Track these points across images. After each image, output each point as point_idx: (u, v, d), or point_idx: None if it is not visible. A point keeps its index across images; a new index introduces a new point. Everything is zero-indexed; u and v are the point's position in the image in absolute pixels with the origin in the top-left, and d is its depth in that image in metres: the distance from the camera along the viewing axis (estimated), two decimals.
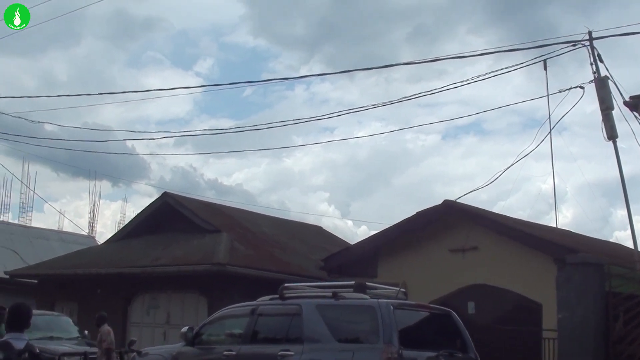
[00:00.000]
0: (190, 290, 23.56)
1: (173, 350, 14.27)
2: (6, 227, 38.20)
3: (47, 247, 36.25)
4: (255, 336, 12.55)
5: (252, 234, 27.10)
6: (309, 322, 11.66)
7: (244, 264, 22.78)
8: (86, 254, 29.73)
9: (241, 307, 13.39)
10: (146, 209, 28.24)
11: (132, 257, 25.72)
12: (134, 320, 25.32)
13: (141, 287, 25.04)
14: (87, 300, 26.24)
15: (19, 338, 7.14)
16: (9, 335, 7.20)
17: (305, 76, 55.34)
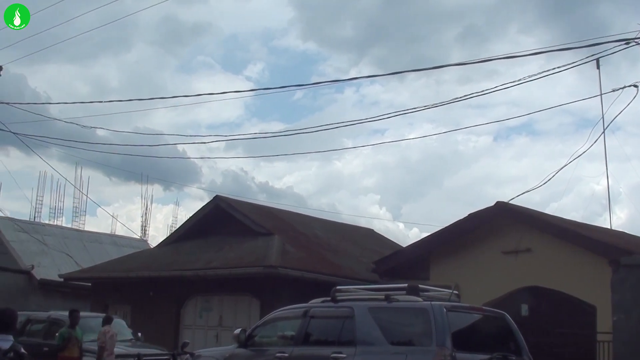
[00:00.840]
0: (242, 292, 23.64)
1: (226, 352, 14.33)
2: (60, 231, 38.63)
3: (101, 251, 36.61)
4: (307, 338, 12.56)
5: (303, 236, 27.13)
6: (362, 325, 11.65)
7: (296, 266, 22.81)
8: (139, 257, 29.99)
9: (293, 309, 13.41)
10: (198, 212, 28.41)
11: (185, 260, 25.88)
12: (186, 322, 25.49)
13: (194, 290, 25.18)
14: (140, 303, 26.47)
15: (5, 339, 7.55)
16: None
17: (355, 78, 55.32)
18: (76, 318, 17.53)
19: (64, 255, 34.15)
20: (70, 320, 17.56)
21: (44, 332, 21.41)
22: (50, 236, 35.92)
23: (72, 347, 17.07)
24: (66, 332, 17.20)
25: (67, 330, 17.27)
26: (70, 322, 17.49)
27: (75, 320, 17.47)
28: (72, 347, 17.07)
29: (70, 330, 17.28)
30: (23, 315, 22.84)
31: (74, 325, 17.42)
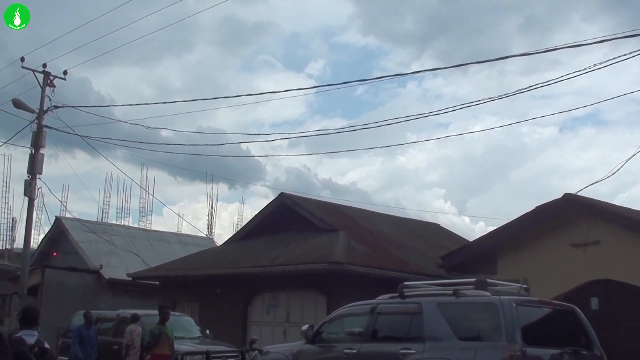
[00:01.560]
0: (309, 289, 23.67)
1: (294, 349, 14.37)
2: (127, 230, 39.13)
3: (168, 250, 36.99)
4: (375, 334, 12.54)
5: (369, 232, 27.08)
6: (430, 320, 11.59)
7: (362, 262, 22.76)
8: (205, 255, 30.20)
9: (361, 305, 13.39)
10: (263, 210, 28.52)
11: (251, 257, 26.00)
12: (254, 319, 25.60)
13: (261, 287, 25.28)
14: (208, 300, 26.66)
15: (30, 334, 8.34)
16: (23, 332, 8.40)
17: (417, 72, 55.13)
18: (166, 314, 17.45)
19: (131, 254, 34.55)
20: (160, 316, 17.44)
21: (113, 330, 21.70)
22: (117, 236, 36.40)
23: (163, 344, 16.91)
24: (156, 328, 17.02)
25: (157, 327, 17.09)
26: (160, 319, 17.33)
27: (165, 317, 17.34)
28: (163, 344, 16.90)
29: (161, 326, 17.09)
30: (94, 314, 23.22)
31: (164, 322, 17.27)
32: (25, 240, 28.91)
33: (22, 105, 27.79)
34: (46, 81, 28.25)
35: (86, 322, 19.91)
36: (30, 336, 8.29)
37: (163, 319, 17.30)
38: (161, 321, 17.24)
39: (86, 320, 19.95)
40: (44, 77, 28.28)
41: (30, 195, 27.96)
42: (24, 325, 8.56)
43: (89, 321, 19.94)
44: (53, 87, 28.37)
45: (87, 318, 19.96)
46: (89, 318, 19.96)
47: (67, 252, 35.28)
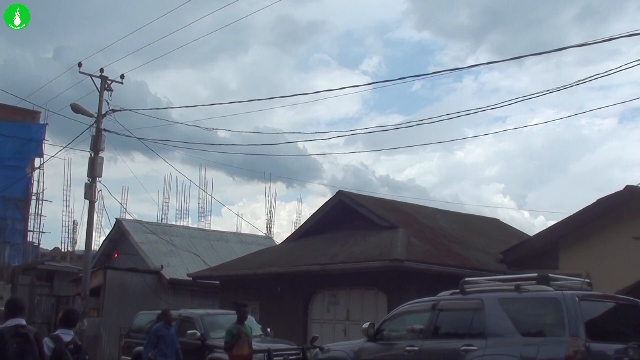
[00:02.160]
0: (369, 286, 23.64)
1: (355, 346, 14.38)
2: (187, 231, 39.46)
3: (227, 249, 37.21)
4: (436, 331, 12.51)
5: (428, 228, 26.96)
6: (492, 316, 11.52)
7: (422, 259, 22.65)
8: (265, 254, 30.31)
9: (421, 302, 13.36)
10: (322, 208, 28.54)
11: (311, 255, 26.03)
12: (314, 317, 25.63)
13: (320, 285, 25.30)
14: (268, 298, 26.75)
15: (67, 333, 9.73)
16: (60, 331, 9.81)
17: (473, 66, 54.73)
18: (244, 313, 16.52)
19: (191, 254, 34.81)
20: (238, 315, 16.53)
21: (149, 331, 21.83)
22: (177, 237, 36.71)
23: (242, 344, 16.11)
24: (234, 328, 16.19)
25: (235, 326, 16.25)
26: (238, 318, 16.47)
27: (243, 316, 16.51)
28: (242, 344, 16.10)
29: (239, 326, 16.26)
30: (154, 314, 23.42)
31: (242, 321, 16.44)
32: (86, 243, 29.29)
33: (80, 110, 28.14)
34: (104, 85, 28.57)
35: (165, 320, 18.70)
36: (66, 334, 9.69)
37: (241, 317, 16.44)
38: (239, 320, 16.40)
39: (165, 318, 18.76)
40: (101, 81, 28.61)
41: (90, 198, 28.30)
42: (63, 325, 9.94)
43: (168, 320, 18.77)
44: (110, 91, 28.70)
45: (166, 316, 18.83)
46: (168, 316, 18.85)
47: (128, 253, 35.67)
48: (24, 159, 61.21)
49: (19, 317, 8.92)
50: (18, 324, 8.77)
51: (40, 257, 52.90)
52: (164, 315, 18.88)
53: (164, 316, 18.83)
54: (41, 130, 61.87)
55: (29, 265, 43.14)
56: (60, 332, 9.70)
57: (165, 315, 18.84)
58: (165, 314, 18.94)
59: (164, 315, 18.88)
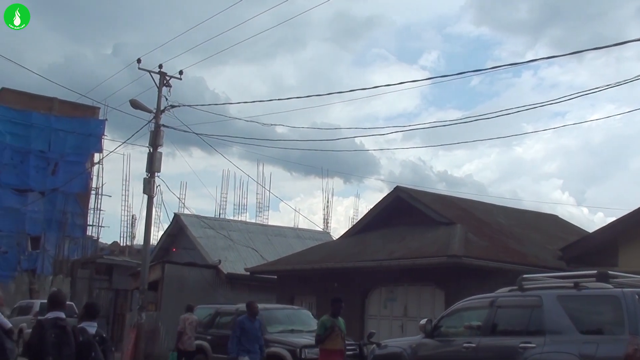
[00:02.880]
0: (426, 282, 23.56)
1: (412, 342, 14.36)
2: (245, 226, 39.67)
3: (285, 244, 37.32)
4: (494, 328, 12.44)
5: (486, 225, 26.77)
6: (550, 314, 11.43)
7: (479, 255, 22.52)
8: (322, 249, 30.35)
9: (479, 299, 13.30)
10: (379, 204, 28.49)
11: (368, 251, 26.01)
12: (371, 313, 25.61)
13: (378, 280, 25.26)
14: (325, 294, 26.73)
15: (91, 325, 9.94)
16: (85, 323, 9.98)
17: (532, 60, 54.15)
18: (339, 308, 15.91)
19: (249, 249, 34.98)
20: (332, 309, 15.87)
21: (232, 324, 21.95)
22: (235, 231, 36.90)
23: (335, 338, 15.41)
24: (328, 320, 15.53)
25: (328, 318, 15.60)
26: (332, 311, 15.81)
27: (337, 310, 15.83)
28: (335, 337, 15.40)
29: (333, 319, 15.56)
30: (212, 309, 23.61)
31: (336, 315, 15.77)
32: (145, 237, 29.61)
33: (139, 106, 28.42)
34: (162, 81, 28.80)
35: (250, 313, 17.52)
36: (91, 327, 9.92)
37: (335, 311, 15.81)
38: (333, 314, 15.74)
39: (250, 311, 17.56)
40: (160, 77, 28.84)
41: (149, 193, 28.56)
42: (87, 318, 10.19)
43: (253, 312, 17.53)
44: (169, 87, 28.92)
45: (252, 308, 17.60)
46: (253, 309, 17.59)
47: (186, 248, 35.94)
48: (84, 155, 62.06)
49: (59, 310, 9.58)
50: (57, 316, 9.44)
51: (99, 251, 53.61)
52: (249, 307, 17.71)
53: (250, 308, 17.67)
54: (100, 125, 62.65)
55: (88, 259, 43.75)
56: (85, 324, 9.98)
57: (251, 308, 17.65)
58: (251, 305, 17.73)
59: (249, 307, 17.71)
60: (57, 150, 60.70)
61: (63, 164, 60.53)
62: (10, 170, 59.24)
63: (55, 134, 60.87)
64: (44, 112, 61.63)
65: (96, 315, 10.42)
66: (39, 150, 60.46)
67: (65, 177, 57.58)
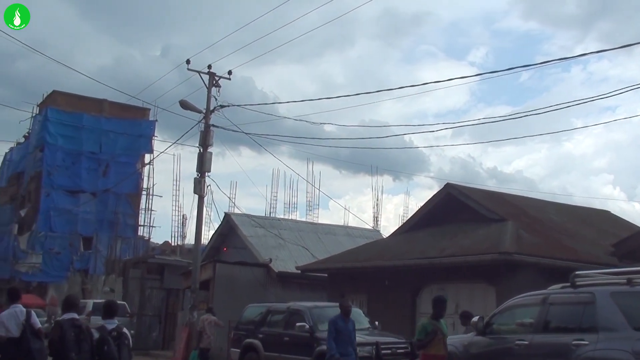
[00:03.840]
0: (477, 280, 23.43)
1: (464, 340, 14.32)
2: (295, 224, 39.76)
3: (335, 242, 37.31)
4: (546, 325, 12.35)
5: (537, 221, 26.57)
6: (603, 310, 11.33)
7: (531, 252, 22.36)
8: (372, 247, 30.32)
9: (531, 296, 13.21)
10: (430, 201, 28.39)
11: (418, 248, 25.94)
12: (422, 310, 25.51)
13: (429, 278, 25.18)
14: (376, 292, 26.76)
15: (111, 322, 11.29)
16: (104, 321, 11.33)
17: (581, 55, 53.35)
18: (442, 309, 14.15)
19: (299, 248, 35.04)
20: (434, 310, 14.10)
21: (284, 322, 22.03)
22: (286, 230, 36.98)
23: (438, 343, 13.63)
24: (430, 324, 13.74)
25: (430, 322, 13.82)
26: (435, 313, 14.01)
27: (440, 311, 14.05)
28: (438, 342, 13.63)
29: (435, 322, 13.79)
30: (263, 307, 23.69)
31: (439, 317, 13.99)
32: (196, 237, 29.86)
33: (189, 106, 28.64)
34: (212, 82, 28.98)
35: (343, 312, 16.16)
36: (110, 324, 11.25)
37: (438, 313, 14.00)
38: (435, 316, 13.95)
39: (343, 310, 16.22)
40: (209, 78, 29.02)
41: (199, 192, 28.77)
42: (106, 316, 11.59)
43: (346, 311, 16.19)
44: (218, 87, 29.09)
45: (344, 308, 16.27)
46: (346, 307, 16.29)
47: (236, 247, 36.09)
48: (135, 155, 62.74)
49: (73, 311, 11.25)
50: (73, 317, 11.06)
51: (150, 250, 54.08)
52: (341, 307, 16.43)
53: (342, 307, 16.40)
54: (151, 126, 63.32)
55: (140, 259, 44.11)
56: (104, 322, 11.35)
57: (343, 307, 16.36)
58: (343, 305, 16.46)
59: (341, 307, 16.43)
60: (108, 152, 61.46)
61: (114, 165, 61.25)
62: (62, 172, 60.10)
63: (106, 135, 61.62)
64: (94, 114, 62.42)
65: (114, 314, 11.77)
66: (90, 151, 61.26)
67: (116, 178, 58.26)
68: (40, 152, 60.74)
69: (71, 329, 10.76)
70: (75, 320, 10.97)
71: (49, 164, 59.89)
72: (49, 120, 60.16)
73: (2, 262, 63.28)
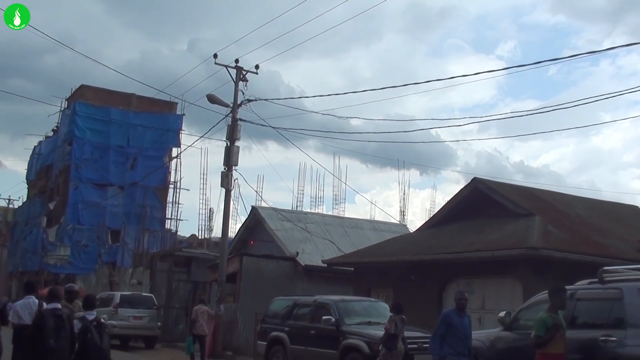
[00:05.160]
0: (504, 275, 23.34)
1: (491, 335, 14.31)
2: (322, 218, 39.76)
3: (362, 236, 37.33)
4: (574, 321, 12.30)
5: (565, 216, 26.41)
6: (632, 307, 11.28)
7: (559, 247, 22.24)
8: (399, 242, 30.30)
9: None
10: (456, 195, 28.29)
11: (445, 243, 25.88)
12: (448, 306, 25.40)
13: (455, 273, 25.11)
14: (402, 286, 26.72)
15: (90, 313, 12.73)
16: (85, 312, 12.86)
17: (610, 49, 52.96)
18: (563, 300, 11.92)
19: (326, 241, 35.07)
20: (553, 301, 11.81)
21: (310, 315, 22.05)
22: (312, 224, 37.00)
23: (559, 340, 11.58)
24: (549, 318, 11.60)
25: (550, 315, 11.67)
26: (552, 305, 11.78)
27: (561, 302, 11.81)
28: (559, 339, 11.58)
29: (554, 315, 11.70)
30: (290, 300, 23.73)
31: (558, 310, 11.81)
32: (223, 230, 29.97)
33: (216, 100, 28.78)
34: (239, 76, 29.11)
35: (458, 306, 14.31)
36: (90, 314, 12.69)
37: (559, 304, 11.84)
38: (554, 308, 11.78)
39: (458, 304, 14.36)
40: (236, 72, 29.15)
41: (226, 186, 28.90)
42: (87, 308, 12.97)
43: (461, 305, 14.31)
44: (245, 81, 29.20)
45: (460, 301, 14.39)
46: (461, 300, 14.39)
47: (263, 240, 36.17)
48: (162, 149, 63.00)
49: (56, 302, 12.50)
50: (55, 307, 12.35)
51: (177, 244, 54.28)
52: (457, 300, 14.55)
53: (457, 301, 14.51)
54: (178, 120, 63.52)
55: (167, 252, 44.32)
56: (85, 313, 12.84)
57: (459, 300, 14.46)
58: (459, 298, 14.53)
59: (457, 300, 14.55)
60: (136, 145, 61.74)
61: (142, 159, 61.52)
62: (90, 166, 60.44)
63: (133, 129, 61.89)
64: (122, 108, 62.71)
65: (94, 306, 13.21)
66: (118, 145, 61.57)
67: (144, 171, 58.53)
68: (69, 145, 61.08)
69: (52, 318, 12.03)
70: (56, 310, 12.27)
71: (77, 157, 60.22)
72: (78, 114, 60.50)
73: (31, 255, 63.81)
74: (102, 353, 12.54)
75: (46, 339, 11.80)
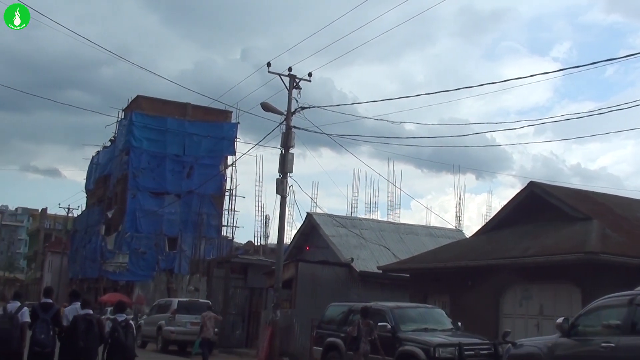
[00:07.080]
0: (562, 280, 23.06)
1: (549, 342, 14.12)
2: (376, 224, 39.72)
3: (417, 242, 37.18)
4: (634, 327, 12.09)
5: (624, 220, 26.01)
6: None
7: (618, 251, 21.91)
8: (455, 247, 30.12)
9: (618, 297, 12.94)
10: (512, 200, 28.06)
11: (502, 248, 25.66)
12: (506, 311, 25.24)
13: (512, 278, 24.87)
14: (459, 292, 26.56)
15: (121, 316, 15.59)
16: (117, 315, 15.74)
17: None
18: None
19: (381, 247, 35.00)
20: None
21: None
22: (367, 230, 37.00)
23: None
24: None
25: None
26: None
27: None
28: None
29: None
30: (345, 306, 23.76)
31: None
32: (278, 236, 30.10)
33: (270, 108, 28.94)
34: (292, 84, 29.22)
35: None
36: (120, 316, 15.53)
37: None
38: None
39: None
40: (289, 80, 29.27)
41: (282, 193, 29.01)
42: (117, 311, 16.28)
43: None
44: (299, 89, 29.32)
45: None
46: None
47: (318, 246, 36.21)
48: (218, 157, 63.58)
49: (88, 308, 15.16)
50: (86, 312, 14.92)
51: (234, 250, 54.65)
52: None
53: None
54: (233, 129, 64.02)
55: (224, 258, 44.60)
56: (117, 316, 15.71)
57: None
58: None
59: None
60: (192, 154, 62.43)
61: (198, 167, 62.16)
62: (147, 175, 61.24)
63: (189, 138, 62.56)
64: (178, 117, 63.40)
65: (124, 310, 16.45)
66: (174, 154, 62.30)
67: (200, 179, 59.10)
68: (126, 155, 61.94)
69: (83, 322, 14.60)
70: (87, 315, 14.86)
71: (134, 166, 61.07)
72: (134, 124, 61.36)
73: (91, 262, 64.78)
74: (126, 348, 15.17)
75: (77, 340, 14.42)
